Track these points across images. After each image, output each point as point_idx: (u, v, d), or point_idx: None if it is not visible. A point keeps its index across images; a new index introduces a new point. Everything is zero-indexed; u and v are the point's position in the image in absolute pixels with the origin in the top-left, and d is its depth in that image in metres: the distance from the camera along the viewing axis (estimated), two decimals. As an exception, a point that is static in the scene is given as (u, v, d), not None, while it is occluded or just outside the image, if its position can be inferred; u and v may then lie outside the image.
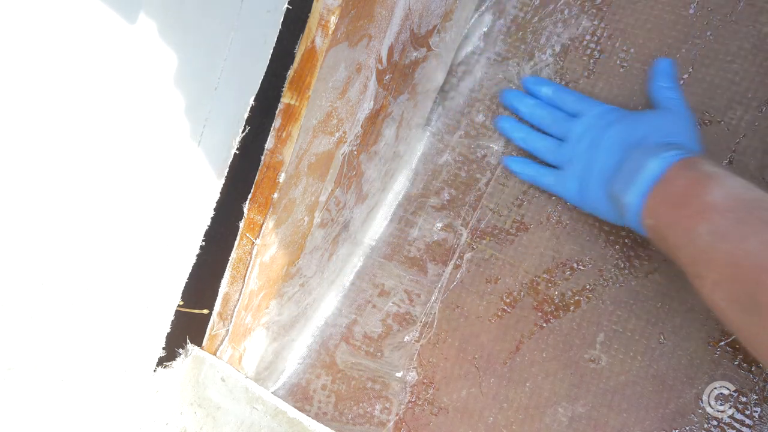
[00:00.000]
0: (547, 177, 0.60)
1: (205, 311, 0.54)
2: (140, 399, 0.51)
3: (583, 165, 0.57)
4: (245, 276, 0.50)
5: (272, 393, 0.52)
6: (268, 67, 0.47)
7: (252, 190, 0.48)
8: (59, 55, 0.40)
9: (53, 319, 0.44)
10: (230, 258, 0.50)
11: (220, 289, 0.51)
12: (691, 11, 0.60)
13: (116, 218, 0.46)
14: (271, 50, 0.46)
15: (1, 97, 0.38)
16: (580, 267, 0.59)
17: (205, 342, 0.52)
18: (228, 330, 0.52)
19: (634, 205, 0.50)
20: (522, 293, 0.60)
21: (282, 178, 0.47)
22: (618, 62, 0.61)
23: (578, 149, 0.57)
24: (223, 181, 0.50)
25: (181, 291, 0.51)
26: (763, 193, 0.46)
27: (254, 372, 0.58)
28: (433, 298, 0.62)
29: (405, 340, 0.62)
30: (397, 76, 0.56)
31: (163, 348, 0.51)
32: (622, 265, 0.58)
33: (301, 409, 0.55)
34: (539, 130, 0.61)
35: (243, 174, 0.51)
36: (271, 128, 0.46)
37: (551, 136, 0.60)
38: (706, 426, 0.53)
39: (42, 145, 0.41)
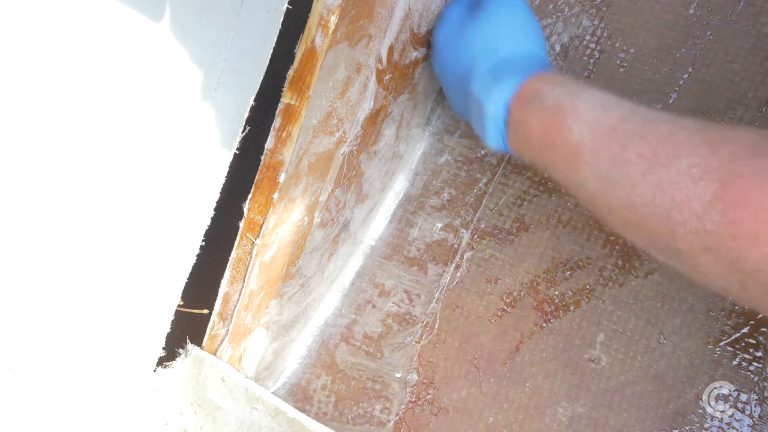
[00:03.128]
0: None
1: (205, 311, 0.53)
2: (140, 399, 0.51)
3: (443, 87, 0.55)
4: (245, 276, 0.50)
5: (272, 393, 0.52)
6: (268, 67, 0.47)
7: (252, 190, 0.48)
8: (59, 54, 0.40)
9: (53, 319, 0.44)
10: (230, 258, 0.50)
11: (220, 289, 0.51)
12: (691, 11, 0.60)
13: (116, 218, 0.46)
14: (271, 50, 0.46)
15: (1, 97, 0.38)
16: (580, 267, 0.59)
17: (205, 342, 0.52)
18: (228, 330, 0.52)
19: (502, 148, 0.47)
20: (522, 293, 0.60)
21: (282, 178, 0.47)
22: (618, 62, 0.61)
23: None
24: (223, 181, 0.50)
25: (181, 291, 0.51)
26: (625, 106, 0.41)
27: (254, 372, 0.58)
28: (434, 298, 0.62)
29: (405, 340, 0.62)
30: (397, 76, 0.56)
31: (163, 348, 0.51)
32: (622, 265, 0.58)
33: (301, 409, 0.55)
34: None
35: (243, 174, 0.51)
36: (271, 128, 0.46)
37: None
38: (706, 426, 0.53)
39: (42, 145, 0.41)
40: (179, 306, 0.51)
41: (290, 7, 0.45)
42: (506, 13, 0.50)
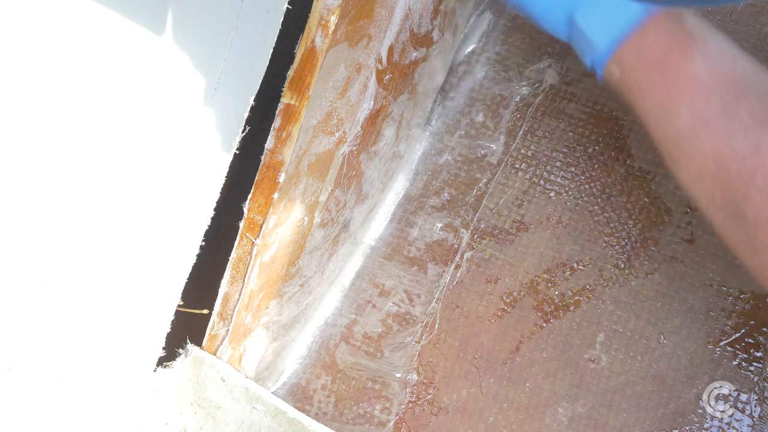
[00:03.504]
0: None
1: (205, 311, 0.53)
2: (140, 399, 0.51)
3: None
4: (245, 276, 0.50)
5: (272, 393, 0.52)
6: (268, 67, 0.47)
7: (252, 190, 0.48)
8: (60, 55, 0.40)
9: (53, 319, 0.44)
10: (230, 258, 0.50)
11: (220, 289, 0.51)
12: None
13: (116, 218, 0.46)
14: (271, 50, 0.46)
15: (1, 97, 0.38)
16: (580, 267, 0.59)
17: (205, 342, 0.52)
18: (228, 330, 0.52)
19: (602, 51, 0.44)
20: (522, 293, 0.60)
21: (282, 178, 0.47)
22: (618, 62, 0.61)
23: None
24: (223, 180, 0.50)
25: (181, 291, 0.51)
26: (752, 65, 0.40)
27: (254, 372, 0.58)
28: (434, 298, 0.62)
29: (405, 340, 0.62)
30: (397, 76, 0.56)
31: (163, 348, 0.51)
32: (622, 265, 0.58)
33: (301, 409, 0.55)
34: None
35: (243, 174, 0.51)
36: (271, 128, 0.46)
37: None
38: (706, 426, 0.53)
39: (43, 146, 0.41)
40: (179, 306, 0.51)
41: (290, 7, 0.45)
42: None
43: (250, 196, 0.48)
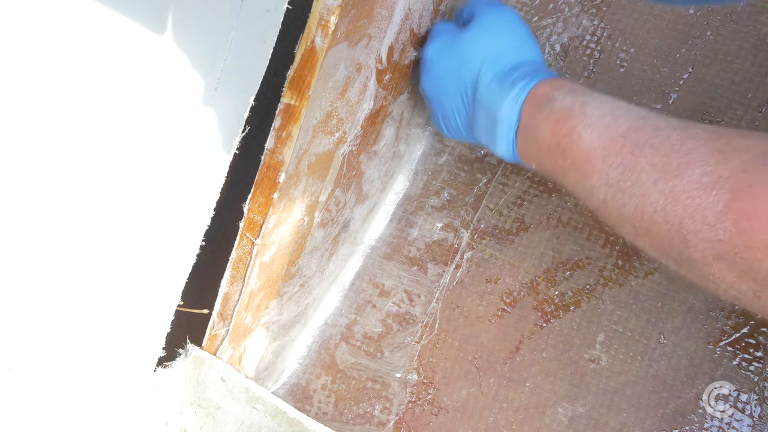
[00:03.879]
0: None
1: (205, 311, 0.53)
2: (140, 399, 0.51)
3: (435, 105, 0.54)
4: (245, 276, 0.50)
5: (272, 393, 0.52)
6: (268, 67, 0.47)
7: (252, 190, 0.48)
8: (60, 54, 0.40)
9: (53, 319, 0.44)
10: (230, 258, 0.50)
11: (220, 289, 0.51)
12: (691, 11, 0.60)
13: (116, 218, 0.46)
14: (271, 50, 0.46)
15: (1, 97, 0.38)
16: (580, 267, 0.59)
17: (205, 342, 0.52)
18: (228, 330, 0.52)
19: (511, 157, 0.47)
20: (522, 293, 0.60)
21: (282, 178, 0.47)
22: (618, 62, 0.61)
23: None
24: (223, 180, 0.50)
25: (181, 291, 0.51)
26: (634, 117, 0.41)
27: (254, 372, 0.58)
28: (434, 298, 0.62)
29: (405, 340, 0.62)
30: (397, 76, 0.56)
31: (163, 348, 0.51)
32: (622, 265, 0.58)
33: (301, 409, 0.55)
34: None
35: (243, 174, 0.51)
36: (271, 128, 0.46)
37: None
38: (706, 426, 0.53)
39: (43, 146, 0.41)
40: (179, 306, 0.51)
41: (290, 7, 0.45)
42: (503, 22, 0.50)
43: (250, 196, 0.48)
